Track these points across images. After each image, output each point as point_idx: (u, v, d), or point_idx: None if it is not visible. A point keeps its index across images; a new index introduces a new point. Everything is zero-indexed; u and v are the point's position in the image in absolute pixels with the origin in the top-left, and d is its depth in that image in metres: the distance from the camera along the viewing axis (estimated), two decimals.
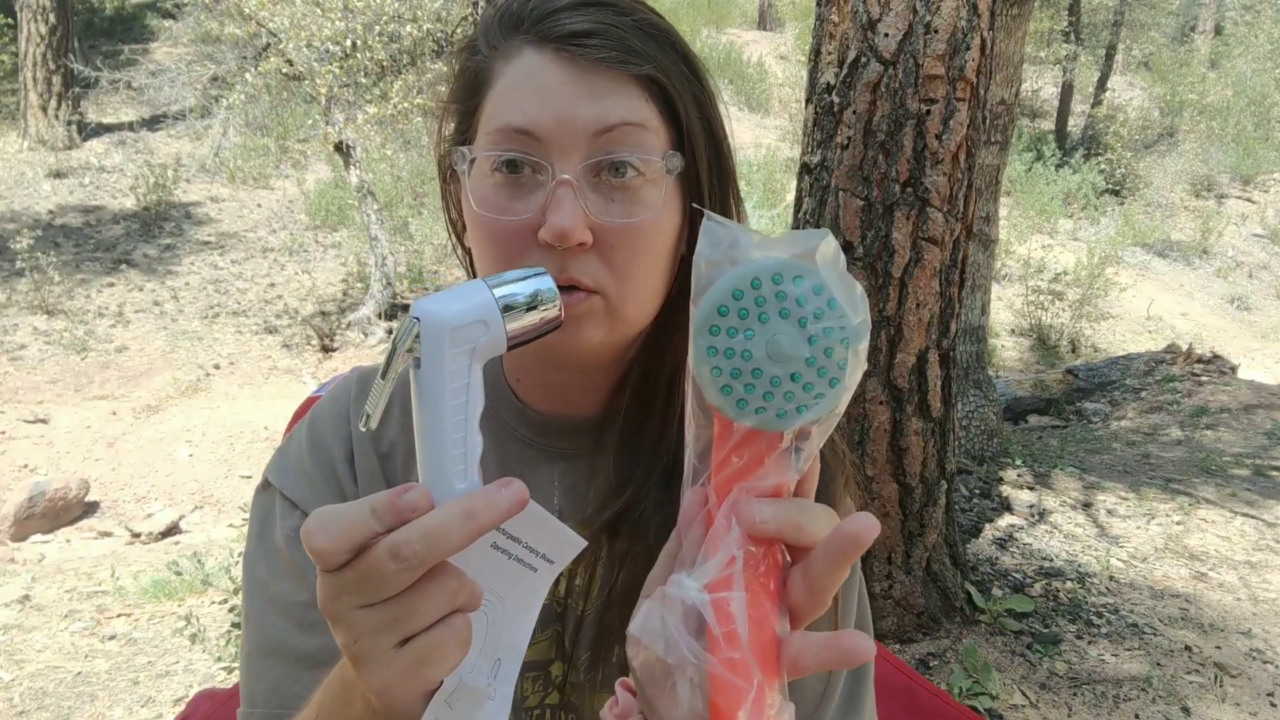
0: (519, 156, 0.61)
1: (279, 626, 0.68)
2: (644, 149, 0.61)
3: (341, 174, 7.87)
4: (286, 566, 0.70)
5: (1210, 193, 12.55)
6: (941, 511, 2.53)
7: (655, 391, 0.69)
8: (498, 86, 0.63)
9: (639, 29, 0.62)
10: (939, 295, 2.33)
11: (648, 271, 0.64)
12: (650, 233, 0.63)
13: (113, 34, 11.33)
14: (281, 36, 6.26)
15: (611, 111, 0.60)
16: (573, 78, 0.60)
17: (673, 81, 0.62)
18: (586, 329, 0.62)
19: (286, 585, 0.70)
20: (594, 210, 0.60)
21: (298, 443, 0.76)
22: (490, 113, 0.63)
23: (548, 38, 0.61)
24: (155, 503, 5.01)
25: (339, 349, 6.82)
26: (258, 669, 0.68)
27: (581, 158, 0.60)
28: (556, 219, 0.59)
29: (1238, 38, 15.45)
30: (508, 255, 0.62)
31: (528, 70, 0.61)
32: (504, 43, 0.63)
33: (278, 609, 0.69)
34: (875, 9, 2.24)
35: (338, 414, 0.76)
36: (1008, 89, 3.99)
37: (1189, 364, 6.48)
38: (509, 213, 0.61)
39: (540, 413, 0.73)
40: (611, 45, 0.60)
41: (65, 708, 2.49)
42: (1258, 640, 2.71)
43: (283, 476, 0.74)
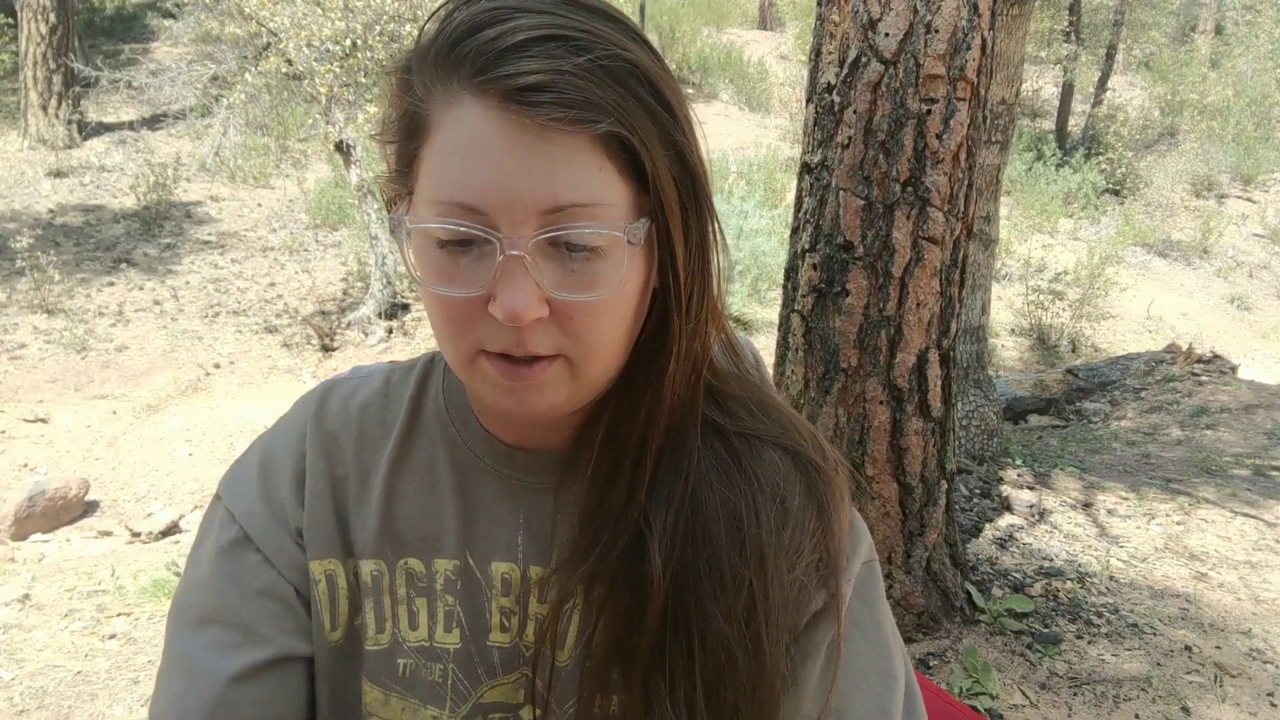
0: (464, 233, 0.54)
1: (192, 644, 0.66)
2: (603, 224, 0.54)
3: (341, 173, 7.87)
4: (207, 580, 0.68)
5: (1211, 192, 12.55)
6: (941, 511, 2.53)
7: (625, 449, 0.64)
8: (436, 141, 0.55)
9: (599, 70, 0.53)
10: (939, 295, 2.33)
11: (611, 334, 0.59)
12: (612, 303, 0.57)
13: (113, 33, 11.33)
14: (281, 36, 6.27)
15: (565, 189, 0.53)
16: (522, 145, 0.52)
17: (637, 131, 0.54)
18: (549, 393, 0.59)
19: (204, 599, 0.67)
20: (549, 284, 0.54)
21: (251, 457, 0.73)
22: (429, 173, 0.55)
23: (493, 90, 0.52)
24: (155, 502, 5.01)
25: (339, 348, 6.82)
26: (163, 682, 0.66)
27: (533, 230, 0.53)
28: (508, 300, 0.53)
29: (1238, 38, 15.45)
30: (459, 328, 0.57)
31: (470, 131, 0.53)
32: (442, 85, 0.54)
33: (192, 623, 0.67)
34: (876, 8, 2.24)
35: (296, 431, 0.72)
36: (1008, 89, 3.99)
37: (1189, 364, 6.48)
38: (457, 285, 0.55)
39: (507, 445, 0.70)
40: (566, 100, 0.51)
41: (65, 707, 2.49)
42: (1258, 640, 2.72)
43: (231, 490, 0.71)
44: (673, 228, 0.58)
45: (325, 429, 0.72)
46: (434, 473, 0.70)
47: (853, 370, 2.35)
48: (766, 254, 8.04)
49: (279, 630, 0.66)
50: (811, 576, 0.65)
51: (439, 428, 0.71)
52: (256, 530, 0.68)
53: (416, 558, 0.69)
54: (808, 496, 0.66)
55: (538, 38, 0.52)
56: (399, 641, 0.69)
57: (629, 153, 0.55)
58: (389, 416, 0.72)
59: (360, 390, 0.74)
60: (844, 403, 2.37)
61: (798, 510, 0.65)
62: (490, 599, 0.69)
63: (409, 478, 0.70)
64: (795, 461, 0.67)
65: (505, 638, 0.69)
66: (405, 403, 0.72)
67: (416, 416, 0.72)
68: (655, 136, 0.55)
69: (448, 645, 0.69)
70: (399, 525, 0.69)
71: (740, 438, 0.67)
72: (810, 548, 0.64)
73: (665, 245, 0.58)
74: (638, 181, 0.56)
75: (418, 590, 0.69)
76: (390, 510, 0.69)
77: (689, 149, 0.58)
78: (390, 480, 0.70)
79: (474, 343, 0.57)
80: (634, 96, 0.54)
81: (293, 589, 0.68)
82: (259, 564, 0.67)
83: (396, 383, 0.74)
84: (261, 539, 0.68)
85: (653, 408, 0.63)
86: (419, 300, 7.51)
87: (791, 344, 2.46)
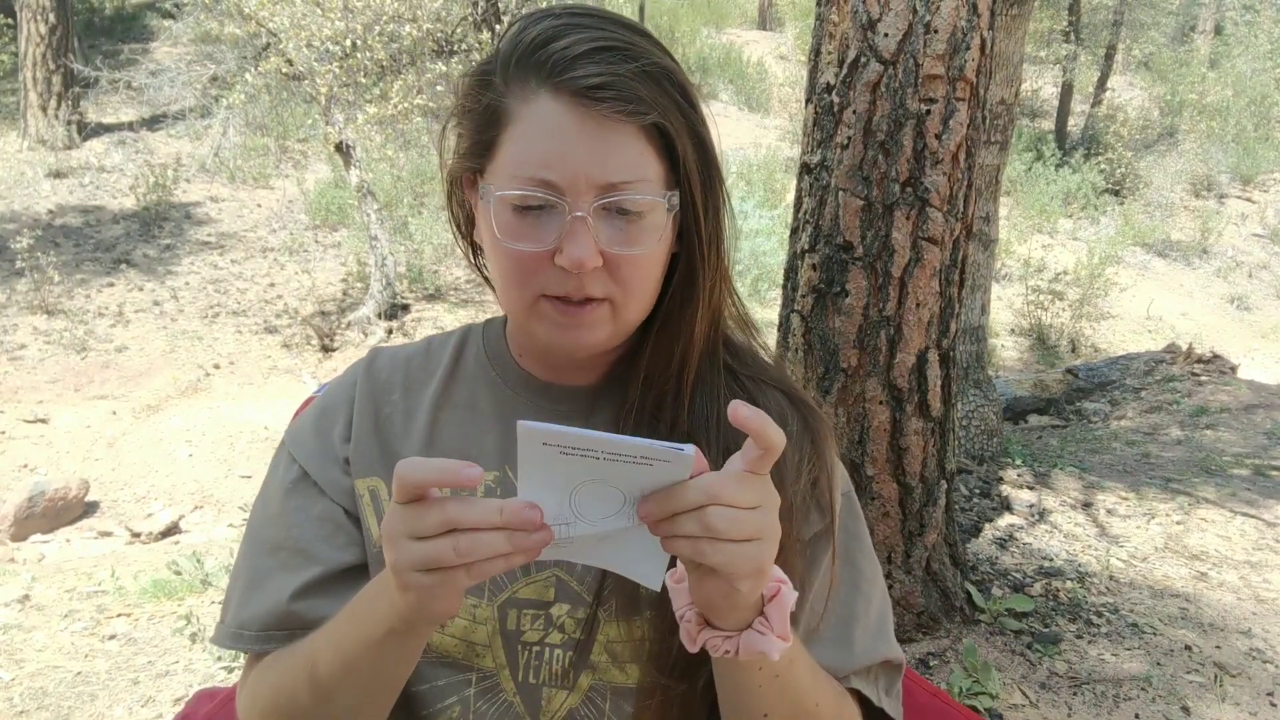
0: (540, 199, 0.69)
1: (266, 566, 0.81)
2: (647, 193, 0.70)
3: (341, 174, 7.87)
4: (277, 514, 0.82)
5: (1210, 192, 12.55)
6: (941, 511, 2.53)
7: (665, 387, 0.79)
8: (517, 128, 0.70)
9: (645, 75, 0.69)
10: (939, 295, 2.33)
11: (647, 280, 0.74)
12: (650, 256, 0.73)
13: (113, 34, 11.33)
14: (281, 36, 6.26)
15: (618, 167, 0.68)
16: (588, 132, 0.68)
17: (673, 123, 0.70)
18: (596, 331, 0.74)
19: (273, 530, 0.82)
20: (604, 240, 0.70)
21: (309, 411, 0.88)
22: (511, 154, 0.70)
23: (565, 88, 0.68)
24: (155, 503, 5.01)
25: (339, 349, 6.82)
26: (247, 598, 0.80)
27: (593, 198, 0.69)
28: (574, 250, 0.68)
29: (1238, 38, 15.44)
30: (526, 276, 0.72)
31: (546, 120, 0.68)
32: (521, 84, 0.70)
33: (266, 550, 0.81)
34: (875, 9, 2.24)
35: (347, 383, 0.87)
36: (1008, 89, 3.99)
37: (1189, 364, 6.48)
38: (530, 242, 0.70)
39: (542, 381, 0.84)
40: (622, 97, 0.67)
41: (65, 707, 2.49)
42: (1258, 640, 2.72)
43: (292, 434, 0.87)
44: (696, 199, 0.74)
45: (374, 378, 0.86)
46: (474, 408, 0.84)
47: (852, 370, 2.35)
48: (766, 254, 8.05)
49: (331, 547, 0.80)
50: (810, 497, 0.80)
51: (480, 373, 0.86)
52: (312, 466, 0.83)
53: None
54: (804, 426, 0.82)
55: (598, 48, 0.68)
56: None
57: (664, 139, 0.71)
58: (431, 365, 0.87)
59: (405, 349, 0.90)
60: (844, 403, 2.37)
61: (797, 435, 0.81)
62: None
63: (451, 413, 0.84)
64: (791, 399, 0.84)
65: None
66: (446, 356, 0.87)
67: (457, 366, 0.87)
68: (684, 128, 0.71)
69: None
70: (443, 447, 0.82)
71: (748, 379, 0.83)
72: (808, 469, 0.80)
73: (690, 214, 0.74)
74: (669, 162, 0.72)
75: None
76: (433, 437, 0.83)
77: (707, 138, 0.74)
78: (433, 414, 0.84)
79: (538, 289, 0.72)
80: (668, 95, 0.70)
81: (343, 510, 0.82)
82: (315, 494, 0.82)
83: (437, 345, 0.90)
84: (316, 472, 0.83)
85: (686, 349, 0.78)
86: (418, 301, 7.51)
87: (791, 344, 2.46)
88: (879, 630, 0.84)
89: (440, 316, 7.35)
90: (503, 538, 0.56)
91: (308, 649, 0.73)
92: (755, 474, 0.59)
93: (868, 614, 0.84)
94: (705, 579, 0.61)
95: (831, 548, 0.81)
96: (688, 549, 0.59)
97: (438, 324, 7.23)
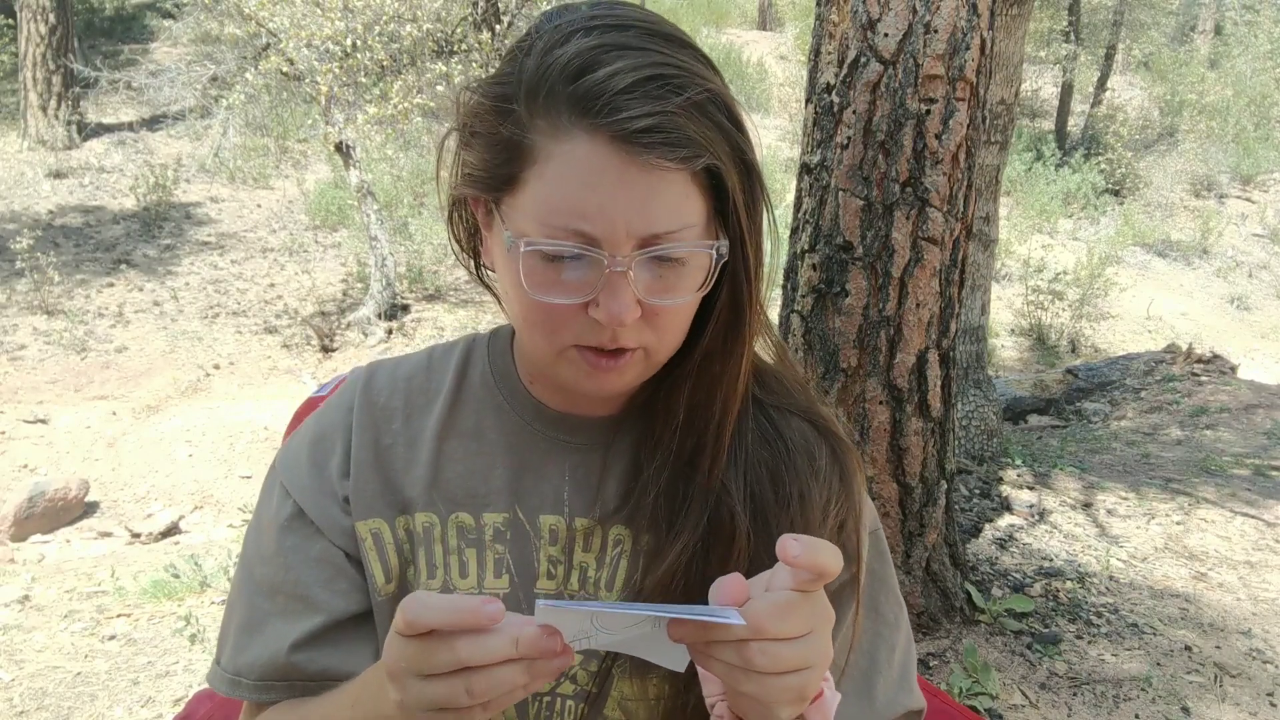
0: (575, 252, 0.62)
1: (264, 609, 0.75)
2: (691, 241, 0.63)
3: (341, 174, 7.87)
4: (273, 552, 0.76)
5: (1210, 192, 12.54)
6: (941, 511, 2.53)
7: (706, 431, 0.73)
8: (547, 169, 0.61)
9: (693, 108, 0.60)
10: (939, 295, 2.33)
11: (683, 325, 0.69)
12: (688, 303, 0.67)
13: (113, 34, 11.33)
14: (281, 36, 6.26)
15: (661, 218, 0.61)
16: (628, 179, 0.59)
17: (723, 160, 0.62)
18: (627, 375, 0.68)
19: (269, 570, 0.76)
20: (642, 290, 0.63)
21: (303, 434, 0.81)
22: (540, 198, 0.62)
23: (605, 131, 0.59)
24: (155, 503, 5.01)
25: (339, 349, 6.82)
26: (244, 642, 0.75)
27: (633, 248, 0.61)
28: (613, 306, 0.62)
29: (1237, 38, 15.44)
30: (556, 327, 0.65)
31: (583, 166, 0.60)
32: (552, 119, 0.60)
33: (263, 592, 0.76)
34: (875, 9, 2.24)
35: (342, 406, 0.80)
36: (1007, 89, 3.99)
37: (1189, 364, 6.48)
38: (561, 293, 0.63)
39: (556, 411, 0.78)
40: (671, 141, 0.59)
41: (65, 708, 2.49)
42: (1257, 640, 2.71)
43: (285, 463, 0.79)
44: (747, 238, 0.66)
45: (372, 401, 0.79)
46: (481, 437, 0.77)
47: (852, 370, 2.35)
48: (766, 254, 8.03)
49: (332, 594, 0.75)
50: (836, 538, 0.74)
51: (486, 396, 0.79)
52: (308, 503, 0.76)
53: (467, 513, 0.76)
54: (831, 460, 0.77)
55: (641, 80, 0.59)
56: (449, 589, 0.75)
57: (713, 177, 0.63)
58: (433, 386, 0.80)
59: (404, 364, 0.82)
60: (844, 403, 2.37)
61: (825, 470, 0.76)
62: (538, 548, 0.75)
63: (456, 442, 0.77)
64: (819, 431, 0.78)
65: (551, 584, 0.75)
66: (449, 374, 0.80)
67: (462, 386, 0.79)
68: (732, 159, 0.63)
69: (497, 590, 0.75)
70: (449, 484, 0.76)
71: (775, 409, 0.77)
72: (836, 511, 0.75)
73: (738, 255, 0.67)
74: (716, 199, 0.64)
75: (468, 542, 0.75)
76: (439, 471, 0.76)
77: (753, 159, 0.67)
78: (438, 444, 0.77)
79: (569, 339, 0.66)
80: (719, 128, 0.62)
81: (343, 553, 0.76)
82: (313, 533, 0.76)
83: (439, 358, 0.82)
84: (313, 511, 0.76)
85: (729, 393, 0.72)
86: (418, 301, 7.51)
87: (791, 344, 2.46)
88: (902, 680, 0.80)
89: (440, 317, 7.35)
90: (519, 670, 0.52)
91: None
92: (805, 594, 0.54)
93: (890, 663, 0.79)
94: (741, 696, 0.57)
95: (856, 598, 0.76)
96: (724, 674, 0.55)
97: (437, 324, 7.22)
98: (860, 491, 0.78)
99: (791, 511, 0.72)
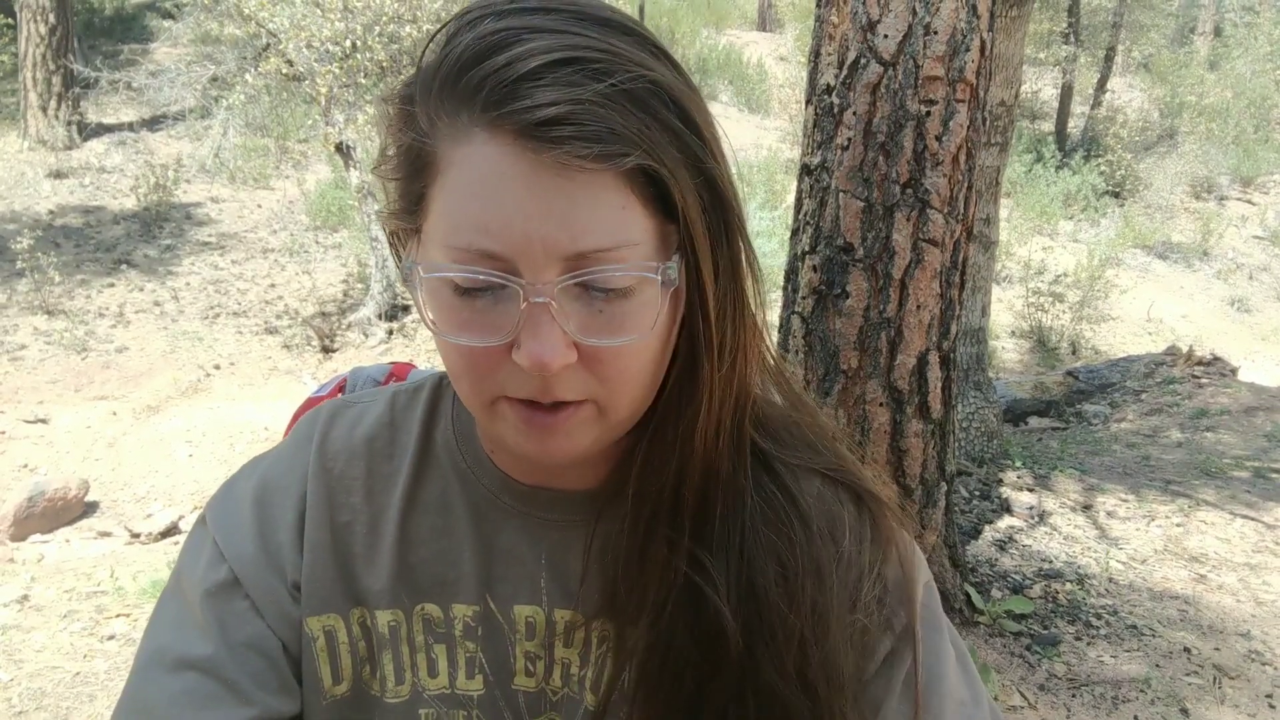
0: (483, 280, 0.49)
1: (171, 691, 0.59)
2: (632, 266, 0.50)
3: (342, 174, 7.87)
4: (190, 619, 0.62)
5: (1210, 194, 12.56)
6: (941, 513, 2.53)
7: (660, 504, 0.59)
8: (448, 180, 0.50)
9: (621, 96, 0.48)
10: (939, 297, 2.33)
11: (641, 375, 0.54)
12: (643, 344, 0.53)
13: (112, 34, 11.34)
14: (281, 37, 6.27)
15: (585, 234, 0.48)
16: (540, 185, 0.47)
17: (665, 162, 0.49)
18: (576, 438, 0.55)
19: (181, 640, 0.61)
20: (576, 329, 0.50)
21: (244, 489, 0.66)
22: (442, 215, 0.50)
23: (506, 125, 0.47)
24: (155, 503, 5.01)
25: (339, 349, 6.82)
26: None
27: (557, 274, 0.49)
28: (534, 350, 0.49)
29: (1237, 39, 15.46)
30: (479, 375, 0.53)
31: (484, 170, 0.48)
32: (449, 119, 0.49)
33: (164, 664, 0.60)
34: (875, 10, 2.24)
35: (297, 469, 0.66)
36: (1007, 90, 3.99)
37: (1189, 366, 6.48)
38: (476, 333, 0.51)
39: (526, 485, 0.65)
40: (588, 134, 0.47)
41: (64, 708, 2.49)
42: (1257, 642, 2.71)
43: (220, 523, 0.65)
44: (702, 263, 0.52)
45: (328, 469, 0.66)
46: (448, 512, 0.65)
47: (853, 372, 2.35)
48: (767, 256, 8.04)
49: (261, 689, 0.60)
50: (874, 614, 0.61)
51: (450, 462, 0.66)
52: (247, 575, 0.62)
53: (433, 603, 0.65)
54: (859, 528, 0.63)
55: (552, 62, 0.47)
56: (419, 691, 0.65)
57: (656, 184, 0.50)
58: (396, 450, 0.67)
59: (364, 419, 0.68)
60: (844, 405, 2.37)
61: (850, 545, 0.61)
62: (514, 643, 0.65)
63: (421, 518, 0.65)
64: (842, 489, 0.64)
65: (531, 682, 0.65)
66: (414, 433, 0.67)
67: (427, 449, 0.67)
68: (682, 164, 0.50)
69: (471, 692, 0.65)
70: (414, 571, 0.65)
71: (785, 466, 0.63)
72: (869, 584, 0.61)
73: (695, 284, 0.53)
74: (664, 214, 0.51)
75: (436, 637, 0.65)
76: (404, 555, 0.65)
77: (719, 173, 0.53)
78: (402, 522, 0.65)
79: (495, 389, 0.53)
80: (659, 122, 0.49)
81: (280, 644, 0.62)
82: (246, 611, 0.62)
83: (402, 409, 0.69)
84: (252, 586, 0.62)
85: (684, 461, 0.58)
86: None
87: (791, 346, 2.46)
88: None
89: None
90: None
91: None
92: None
93: None
94: None
95: (914, 662, 0.61)
96: None
97: None
98: (902, 547, 0.64)
99: (804, 606, 0.58)
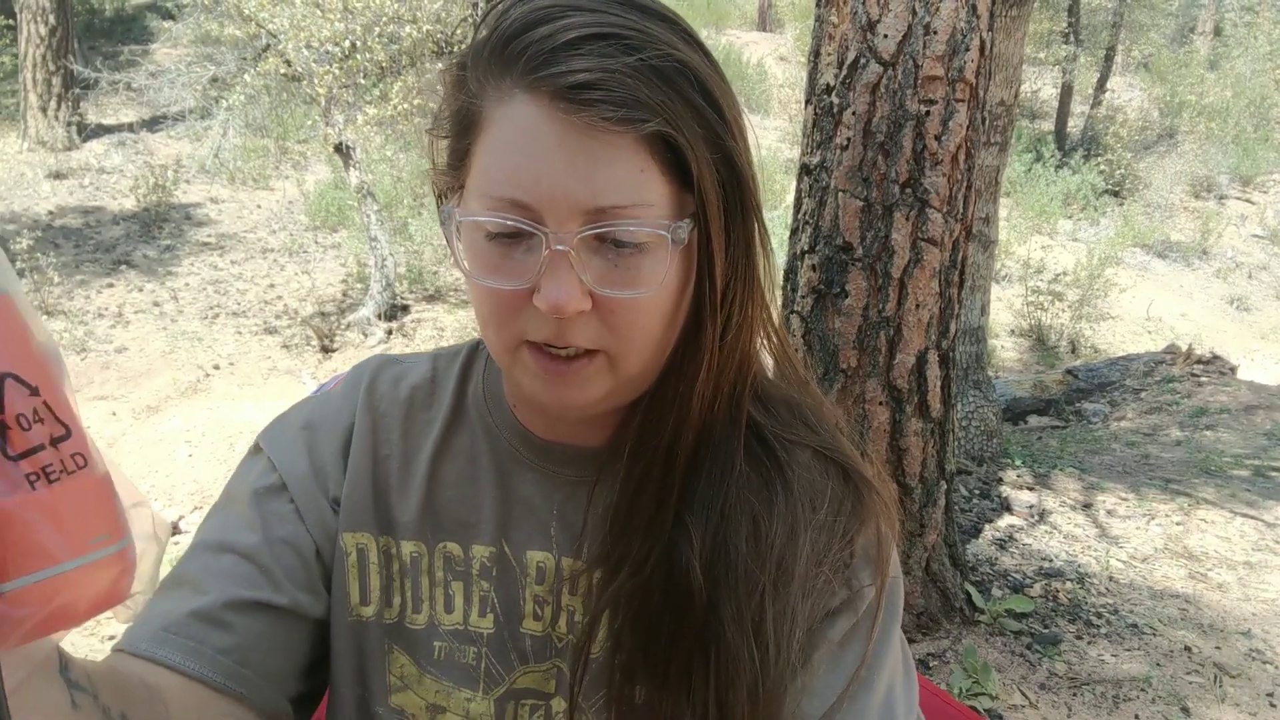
0: (512, 226, 0.55)
1: (209, 566, 0.66)
2: (646, 223, 0.55)
3: (341, 175, 7.87)
4: (237, 514, 0.69)
5: (1210, 194, 12.56)
6: (941, 512, 2.53)
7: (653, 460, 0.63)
8: (489, 136, 0.56)
9: (649, 71, 0.53)
10: (939, 296, 2.34)
11: (649, 329, 0.59)
12: (653, 300, 0.58)
13: (112, 35, 11.34)
14: (281, 37, 6.27)
15: (606, 190, 0.54)
16: (569, 143, 0.53)
17: (683, 131, 0.54)
18: (589, 389, 0.60)
19: (227, 530, 0.68)
20: (593, 278, 0.56)
21: (294, 417, 0.75)
22: (481, 168, 0.57)
23: (544, 87, 0.53)
24: (155, 502, 5.01)
25: (339, 350, 6.82)
26: (162, 591, 0.66)
27: (578, 226, 0.55)
28: (552, 293, 0.55)
29: (1237, 39, 15.46)
30: (503, 318, 0.59)
31: (521, 127, 0.54)
32: (495, 82, 0.56)
33: (209, 547, 0.67)
34: (874, 10, 2.25)
35: (347, 404, 0.74)
36: (1007, 90, 3.99)
37: (1189, 365, 6.48)
38: (503, 277, 0.57)
39: (543, 440, 0.71)
40: (615, 100, 0.52)
41: None
42: (1257, 641, 2.72)
43: (272, 442, 0.73)
44: (713, 231, 0.58)
45: (375, 407, 0.74)
46: (475, 461, 0.72)
47: (852, 371, 2.35)
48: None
49: (292, 582, 0.67)
50: (839, 573, 0.65)
51: (478, 416, 0.73)
52: (294, 481, 0.70)
53: (455, 542, 0.71)
54: (841, 500, 0.66)
55: (589, 35, 0.53)
56: (435, 624, 0.70)
57: (674, 152, 0.55)
58: (435, 401, 0.74)
59: (410, 373, 0.76)
60: (843, 404, 2.38)
61: (827, 513, 0.65)
62: (525, 586, 0.70)
63: (450, 464, 0.72)
64: (832, 465, 0.67)
65: (538, 626, 0.70)
66: (450, 389, 0.74)
67: (460, 404, 0.74)
68: (701, 138, 0.56)
69: (482, 629, 0.70)
70: (439, 510, 0.71)
71: (778, 439, 0.67)
72: (839, 547, 0.64)
73: (704, 249, 0.58)
74: (681, 182, 0.56)
75: (454, 574, 0.70)
76: (432, 494, 0.71)
77: (737, 152, 0.59)
78: (433, 465, 0.72)
79: (517, 333, 0.58)
80: (682, 97, 0.55)
81: (315, 549, 0.69)
82: (290, 514, 0.69)
83: (443, 368, 0.76)
84: (298, 493, 0.70)
85: (680, 420, 0.62)
86: (418, 302, 7.51)
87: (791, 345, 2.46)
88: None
89: (440, 317, 7.35)
90: None
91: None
92: None
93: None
94: None
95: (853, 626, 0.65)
96: None
97: (437, 325, 7.23)
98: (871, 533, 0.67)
99: (769, 562, 0.62)
